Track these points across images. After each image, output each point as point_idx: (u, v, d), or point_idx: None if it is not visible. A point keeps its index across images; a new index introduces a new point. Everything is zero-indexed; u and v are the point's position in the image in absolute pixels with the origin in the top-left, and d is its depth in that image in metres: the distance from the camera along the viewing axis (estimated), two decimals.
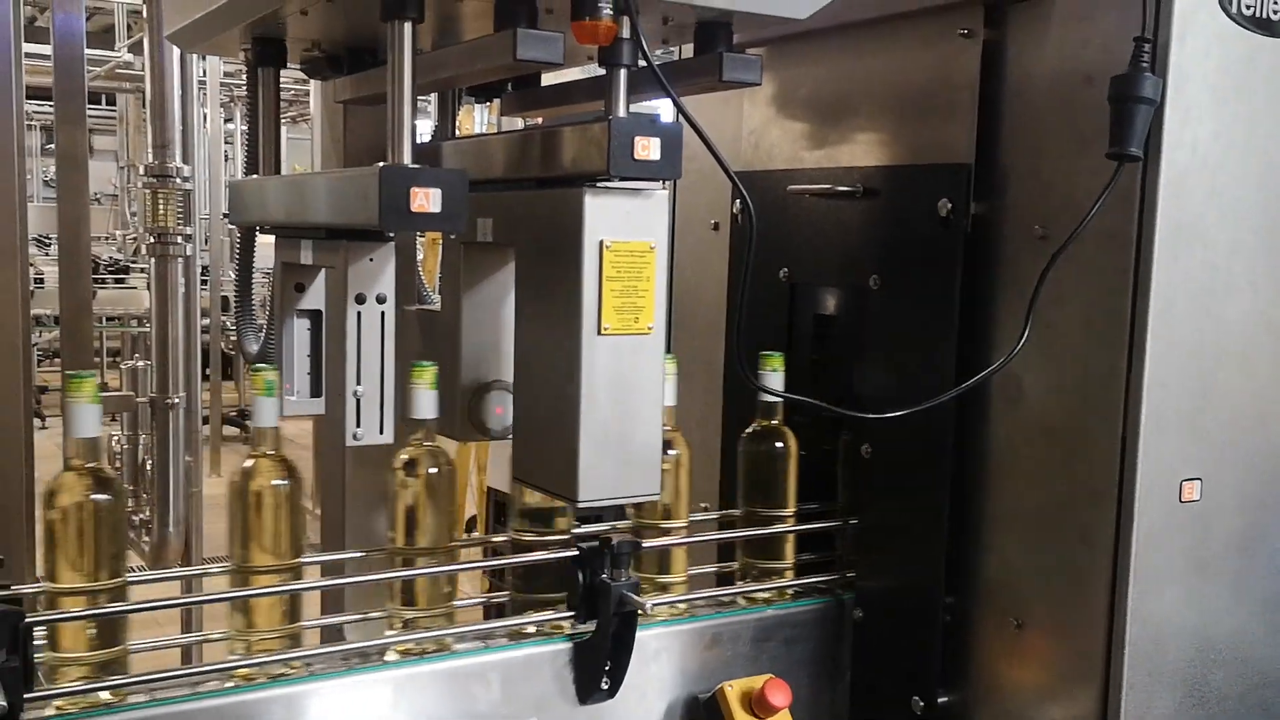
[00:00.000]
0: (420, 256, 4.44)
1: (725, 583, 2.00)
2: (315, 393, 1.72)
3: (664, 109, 2.13)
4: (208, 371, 8.69)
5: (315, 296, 1.71)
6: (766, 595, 1.93)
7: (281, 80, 1.79)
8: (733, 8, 1.43)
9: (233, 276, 1.92)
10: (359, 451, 1.82)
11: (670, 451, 1.85)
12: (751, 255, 1.52)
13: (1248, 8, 1.54)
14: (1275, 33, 1.58)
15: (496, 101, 2.00)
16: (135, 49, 9.05)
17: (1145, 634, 1.59)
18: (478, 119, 5.86)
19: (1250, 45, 1.56)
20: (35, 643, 1.39)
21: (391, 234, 1.53)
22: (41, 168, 16.00)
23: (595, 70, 1.55)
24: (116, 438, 4.41)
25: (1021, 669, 1.70)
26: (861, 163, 1.93)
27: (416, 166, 1.34)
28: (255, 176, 1.79)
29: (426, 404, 1.60)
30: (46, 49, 3.53)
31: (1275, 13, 1.57)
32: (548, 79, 1.93)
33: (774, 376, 1.88)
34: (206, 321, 8.72)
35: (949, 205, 1.74)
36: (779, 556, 1.96)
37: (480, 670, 1.65)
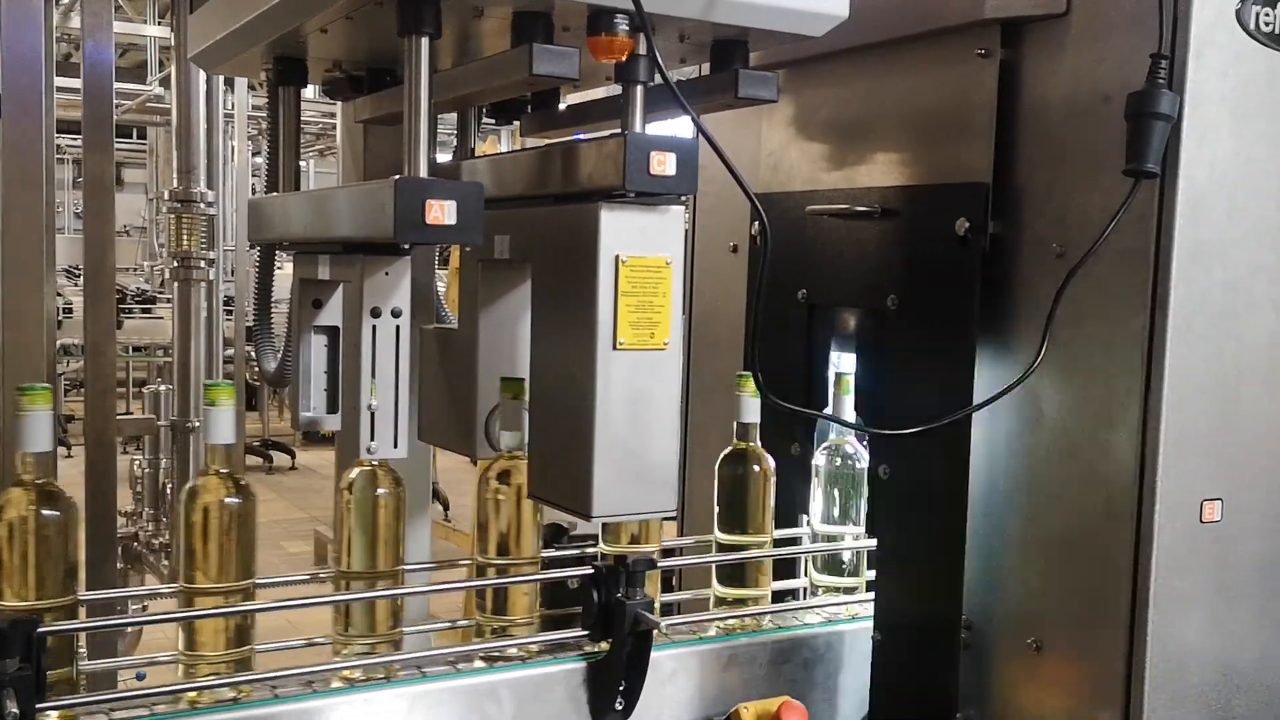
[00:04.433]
0: (443, 289, 4.46)
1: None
2: (331, 409, 1.73)
3: (683, 131, 2.14)
4: None
5: (333, 313, 1.72)
6: (781, 617, 1.91)
7: (310, 112, 1.81)
8: (749, 24, 1.44)
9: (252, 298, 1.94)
10: None
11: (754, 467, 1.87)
12: (765, 273, 1.53)
13: (1266, 24, 1.54)
14: None
15: (517, 128, 2.02)
16: (166, 83, 9.20)
17: (1167, 657, 1.56)
18: (503, 149, 5.89)
19: (1270, 62, 1.56)
20: None
21: (407, 247, 1.54)
22: (73, 200, 16.22)
23: (615, 90, 1.55)
24: (138, 461, 4.43)
25: (1041, 692, 1.68)
26: (880, 183, 1.93)
27: (432, 179, 1.35)
28: (274, 194, 1.81)
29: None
30: (79, 83, 3.59)
31: None
32: (572, 99, 1.94)
33: (749, 398, 1.87)
34: (231, 351, 8.80)
35: (967, 224, 1.74)
36: (755, 584, 1.94)
37: (493, 688, 1.65)
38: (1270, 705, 1.66)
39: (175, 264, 3.65)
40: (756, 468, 1.91)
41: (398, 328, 1.54)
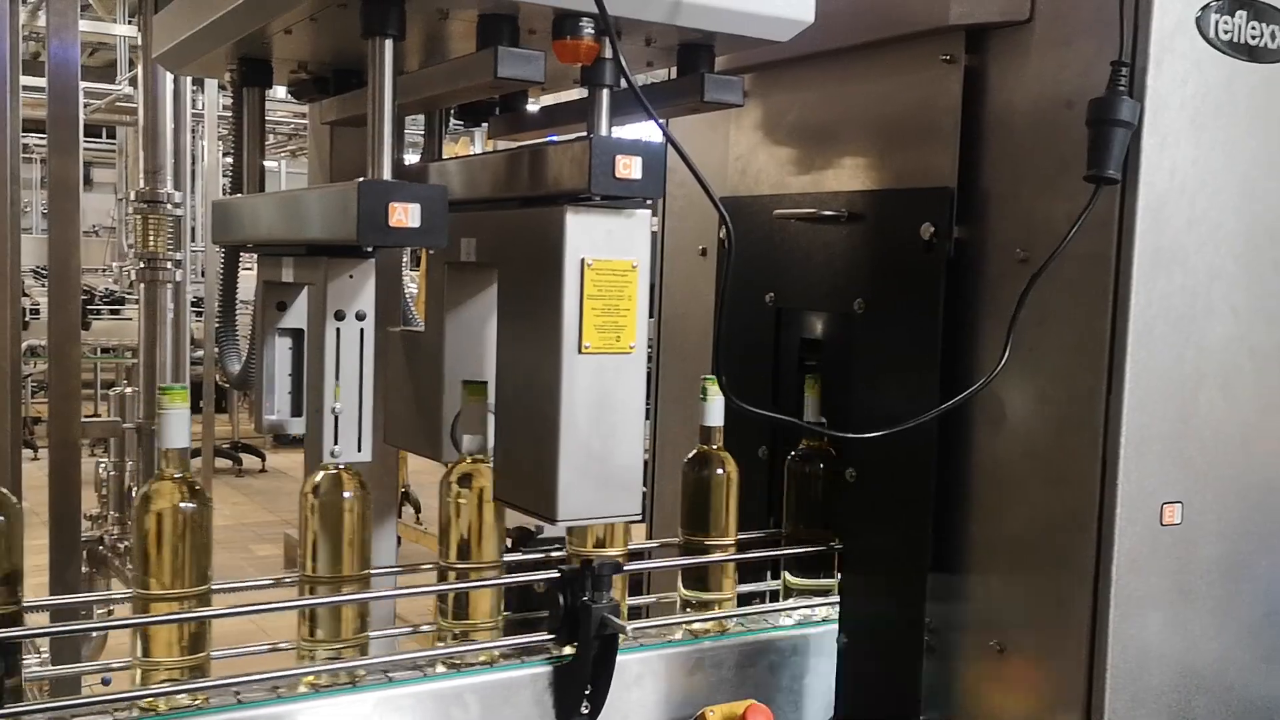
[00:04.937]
0: (414, 292, 4.42)
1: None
2: (296, 412, 1.72)
3: (654, 134, 2.14)
4: (200, 404, 8.65)
5: (297, 315, 1.71)
6: (748, 620, 1.92)
7: (282, 112, 1.80)
8: (715, 28, 1.44)
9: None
10: None
11: (719, 470, 1.88)
12: (729, 276, 1.53)
13: (1226, 33, 1.56)
14: (1254, 58, 1.59)
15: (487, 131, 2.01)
16: (135, 82, 9.10)
17: (1127, 659, 1.57)
18: (475, 151, 5.86)
19: (1229, 70, 1.58)
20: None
21: (371, 250, 1.53)
22: (42, 201, 16.02)
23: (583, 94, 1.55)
24: (103, 465, 4.38)
25: (1004, 694, 1.69)
26: (846, 187, 1.94)
27: (395, 181, 1.34)
28: (238, 196, 1.79)
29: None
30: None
31: (1254, 38, 1.58)
32: (545, 100, 1.94)
33: (715, 399, 1.89)
34: (200, 353, 8.72)
35: (932, 229, 1.75)
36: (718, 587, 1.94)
37: (458, 693, 1.64)
38: (1230, 705, 1.68)
39: (142, 265, 3.61)
40: (721, 470, 1.93)
41: (361, 330, 1.53)
